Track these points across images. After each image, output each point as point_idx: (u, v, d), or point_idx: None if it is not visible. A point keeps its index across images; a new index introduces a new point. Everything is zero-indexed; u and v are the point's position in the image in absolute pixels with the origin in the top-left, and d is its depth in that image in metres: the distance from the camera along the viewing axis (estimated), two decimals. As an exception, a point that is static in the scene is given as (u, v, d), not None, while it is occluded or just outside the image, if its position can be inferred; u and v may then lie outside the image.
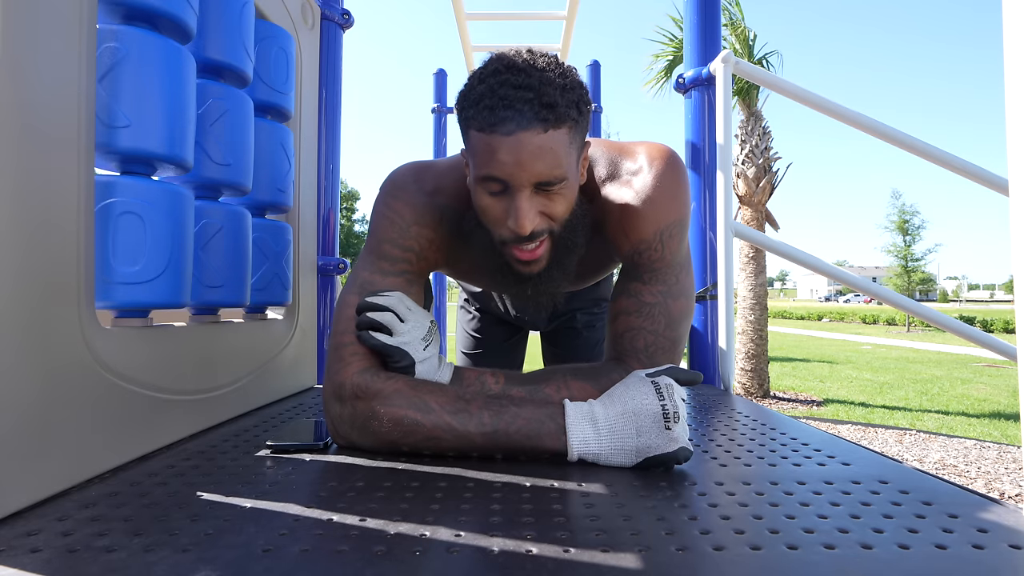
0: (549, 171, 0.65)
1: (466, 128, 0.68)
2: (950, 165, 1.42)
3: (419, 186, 0.82)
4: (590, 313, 1.34)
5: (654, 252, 0.78)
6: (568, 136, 0.66)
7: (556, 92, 0.63)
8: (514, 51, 0.67)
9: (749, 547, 0.46)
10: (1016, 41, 0.49)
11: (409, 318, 0.74)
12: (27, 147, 0.53)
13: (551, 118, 0.63)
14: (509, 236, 0.69)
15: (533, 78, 0.63)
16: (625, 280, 0.82)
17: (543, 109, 0.62)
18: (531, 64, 0.65)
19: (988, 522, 0.52)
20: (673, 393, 0.66)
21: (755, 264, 6.02)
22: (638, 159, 0.80)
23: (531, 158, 0.63)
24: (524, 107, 0.62)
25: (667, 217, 0.77)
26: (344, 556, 0.44)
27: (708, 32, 1.43)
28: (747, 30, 6.60)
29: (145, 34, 0.75)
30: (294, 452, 0.74)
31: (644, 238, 0.78)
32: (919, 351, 10.73)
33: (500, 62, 0.66)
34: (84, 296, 0.61)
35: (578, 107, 0.66)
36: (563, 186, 0.68)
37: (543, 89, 0.63)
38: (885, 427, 4.41)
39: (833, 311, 28.27)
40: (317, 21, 1.38)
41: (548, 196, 0.68)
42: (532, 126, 0.62)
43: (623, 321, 0.80)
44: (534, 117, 0.62)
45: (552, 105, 0.63)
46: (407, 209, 0.79)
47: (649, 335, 0.78)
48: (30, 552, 0.45)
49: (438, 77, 3.41)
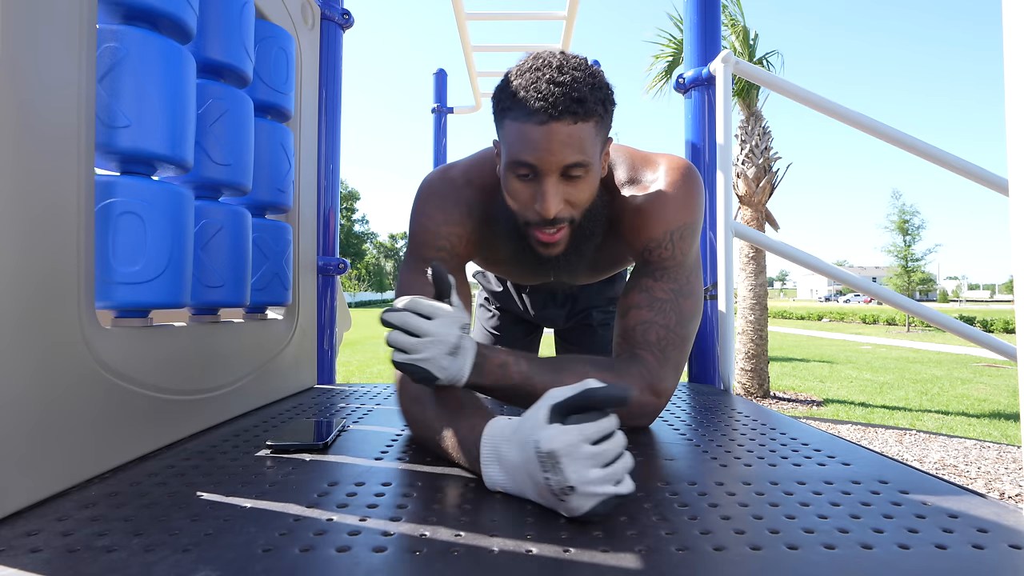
0: (575, 158, 0.71)
1: (502, 118, 0.75)
2: (950, 165, 1.41)
3: (448, 183, 0.89)
4: (605, 312, 1.39)
5: (664, 251, 0.83)
6: (594, 129, 0.72)
7: (586, 89, 0.70)
8: (548, 52, 0.74)
9: (749, 547, 0.46)
10: (1016, 41, 0.49)
11: (431, 331, 0.65)
12: (27, 147, 0.53)
13: (580, 111, 0.70)
14: (534, 219, 0.76)
15: (566, 75, 0.70)
16: (637, 277, 0.85)
17: (573, 103, 0.69)
18: (564, 63, 0.72)
19: (988, 522, 0.52)
20: (560, 464, 0.51)
21: (755, 264, 6.02)
22: (658, 169, 0.86)
23: (560, 146, 0.70)
24: (557, 100, 0.69)
25: (678, 219, 0.82)
26: (344, 556, 0.45)
27: (708, 32, 1.42)
28: (747, 30, 6.60)
29: (145, 34, 0.75)
30: (294, 452, 0.74)
31: (655, 236, 0.83)
32: (919, 351, 10.73)
33: (537, 60, 0.73)
34: (84, 296, 0.61)
35: (604, 104, 0.73)
36: (586, 174, 0.74)
37: (574, 85, 0.70)
38: (885, 427, 4.41)
39: (833, 311, 28.28)
40: (317, 21, 1.38)
41: (572, 183, 0.74)
42: (563, 117, 0.69)
43: (635, 315, 0.82)
44: (565, 110, 0.69)
45: (582, 100, 0.69)
46: (437, 212, 0.87)
47: (661, 329, 0.80)
48: (30, 552, 0.45)
49: (438, 77, 3.41)
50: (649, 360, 0.79)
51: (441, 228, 0.87)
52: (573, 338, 1.44)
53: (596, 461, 0.51)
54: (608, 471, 0.51)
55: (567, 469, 0.50)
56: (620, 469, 0.52)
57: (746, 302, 6.06)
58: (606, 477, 0.51)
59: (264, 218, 1.14)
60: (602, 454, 0.51)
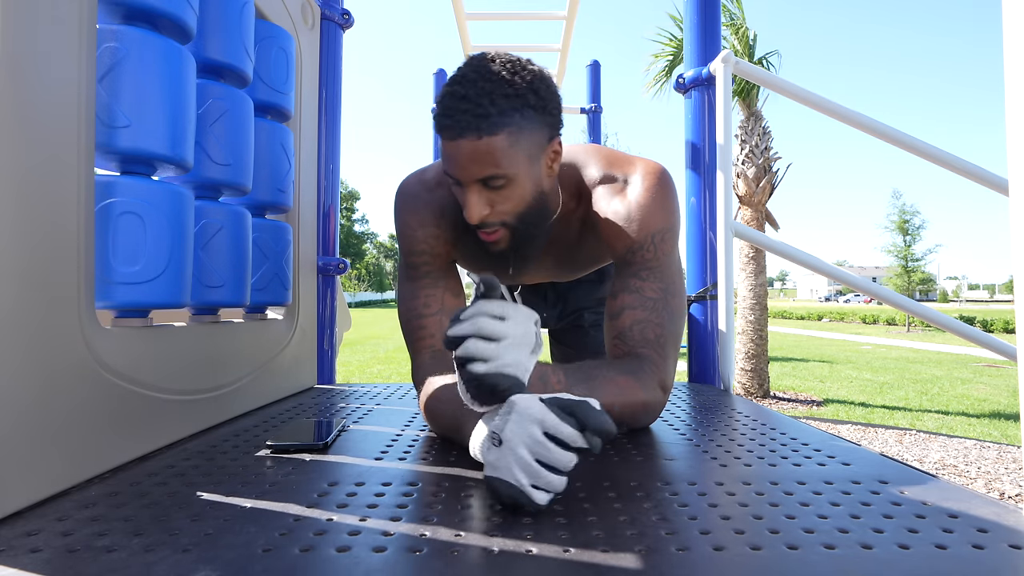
0: (486, 172, 0.73)
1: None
2: (950, 165, 1.41)
3: (421, 186, 0.91)
4: (596, 312, 1.40)
5: (647, 252, 0.84)
6: (508, 140, 0.72)
7: (491, 103, 0.70)
8: (479, 56, 0.74)
9: (749, 547, 0.46)
10: (1016, 41, 0.49)
11: (509, 332, 0.58)
12: (27, 147, 0.53)
13: (484, 127, 0.70)
14: (471, 222, 0.77)
15: (473, 90, 0.70)
16: (624, 278, 0.84)
17: (475, 119, 0.70)
18: (480, 74, 0.71)
19: (988, 522, 0.52)
20: (511, 416, 0.53)
21: (755, 264, 6.02)
22: (632, 171, 0.87)
23: (468, 161, 0.72)
24: (460, 117, 0.70)
25: (657, 223, 0.84)
26: (344, 556, 0.45)
27: (708, 32, 1.42)
28: (748, 30, 6.60)
29: (145, 34, 0.75)
30: (294, 452, 0.74)
31: (637, 239, 0.83)
32: (919, 351, 10.73)
33: (459, 70, 0.73)
34: (84, 296, 0.61)
35: (522, 112, 0.72)
36: (508, 183, 0.75)
37: (479, 101, 0.70)
38: (885, 427, 4.41)
39: (833, 311, 28.27)
40: (317, 21, 1.38)
41: (496, 192, 0.75)
42: (465, 135, 0.70)
43: (629, 315, 0.82)
44: (467, 127, 0.70)
45: (484, 116, 0.70)
46: (412, 218, 0.90)
47: (657, 327, 0.81)
48: (30, 552, 0.45)
49: (438, 77, 3.41)
50: (654, 358, 0.80)
51: (417, 232, 0.89)
52: (565, 339, 1.46)
53: (537, 448, 0.51)
54: (538, 467, 0.51)
55: (512, 424, 0.52)
56: (548, 478, 0.51)
57: (746, 302, 6.06)
58: (530, 468, 0.51)
59: (264, 218, 1.14)
60: (546, 452, 0.51)
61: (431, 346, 0.86)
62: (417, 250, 0.89)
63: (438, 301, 0.87)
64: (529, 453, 0.51)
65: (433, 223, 0.89)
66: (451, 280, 0.92)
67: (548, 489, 0.52)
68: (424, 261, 0.89)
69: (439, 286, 0.89)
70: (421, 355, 0.86)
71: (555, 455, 0.51)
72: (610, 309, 0.85)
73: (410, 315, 0.88)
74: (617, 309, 0.83)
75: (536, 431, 0.51)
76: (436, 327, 0.86)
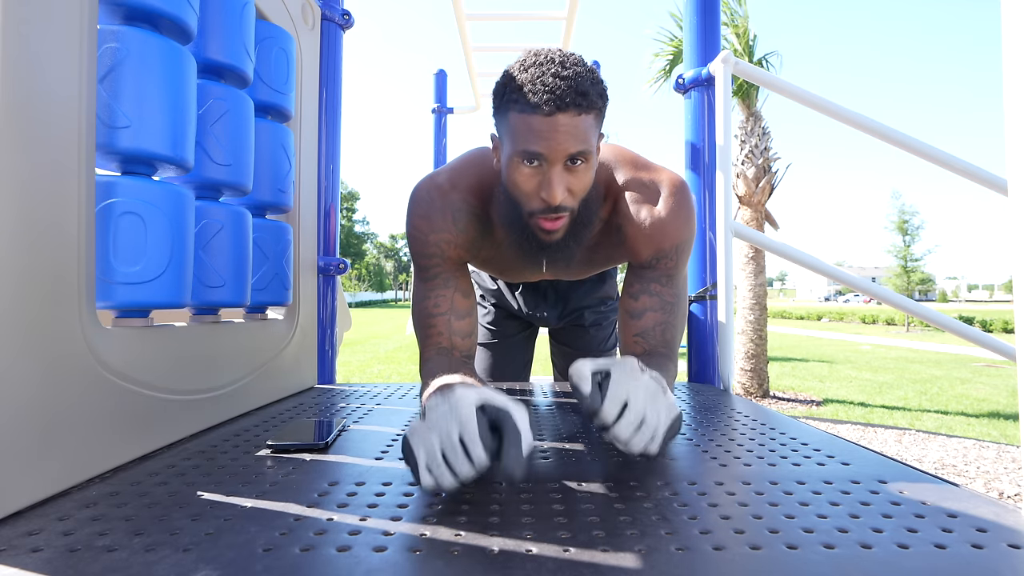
0: (579, 147, 0.76)
1: (507, 110, 0.77)
2: (950, 165, 1.42)
3: (434, 190, 0.94)
4: (597, 312, 1.42)
5: (670, 261, 0.91)
6: (594, 121, 0.77)
7: (587, 83, 0.75)
8: (547, 49, 0.79)
9: (749, 547, 0.46)
10: (1016, 41, 0.49)
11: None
12: (28, 147, 0.54)
13: (583, 103, 0.74)
14: (539, 207, 0.80)
15: (569, 70, 0.75)
16: (645, 282, 0.92)
17: (577, 96, 0.74)
18: (566, 59, 0.77)
19: (987, 522, 0.52)
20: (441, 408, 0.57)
21: (755, 264, 6.02)
22: (658, 180, 0.92)
23: (565, 135, 0.74)
24: (563, 93, 0.73)
25: (683, 235, 0.91)
26: (344, 556, 0.45)
27: (708, 32, 1.43)
28: (748, 31, 6.60)
29: (146, 34, 0.75)
30: (294, 452, 0.74)
31: (664, 248, 0.91)
32: (918, 351, 10.73)
33: (539, 56, 0.77)
34: (85, 296, 0.61)
35: (602, 99, 0.78)
36: (587, 164, 0.79)
37: (577, 80, 0.74)
38: (884, 427, 4.41)
39: (832, 311, 28.26)
40: (317, 21, 1.38)
41: (573, 172, 0.78)
42: (568, 109, 0.74)
43: (651, 316, 0.90)
44: (571, 102, 0.73)
45: (584, 93, 0.74)
46: (423, 221, 0.93)
47: (673, 328, 0.91)
48: (31, 552, 0.45)
49: (438, 77, 3.41)
50: (672, 357, 0.89)
51: (429, 236, 0.92)
52: (566, 338, 1.47)
53: (446, 443, 0.54)
54: (440, 459, 0.54)
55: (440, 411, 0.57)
56: (441, 472, 0.53)
57: (746, 302, 6.06)
58: (432, 455, 0.54)
59: (264, 218, 1.14)
60: (452, 454, 0.54)
61: (438, 343, 0.91)
62: (428, 253, 0.93)
63: (447, 302, 0.93)
64: (438, 443, 0.55)
65: (446, 227, 0.93)
66: (462, 281, 0.96)
67: (439, 481, 0.54)
68: (435, 264, 0.93)
69: (449, 287, 0.94)
70: (429, 351, 0.92)
71: (458, 463, 0.54)
72: (630, 308, 0.92)
73: (422, 314, 0.94)
74: (640, 309, 0.91)
75: (453, 431, 0.55)
76: (444, 326, 0.92)
